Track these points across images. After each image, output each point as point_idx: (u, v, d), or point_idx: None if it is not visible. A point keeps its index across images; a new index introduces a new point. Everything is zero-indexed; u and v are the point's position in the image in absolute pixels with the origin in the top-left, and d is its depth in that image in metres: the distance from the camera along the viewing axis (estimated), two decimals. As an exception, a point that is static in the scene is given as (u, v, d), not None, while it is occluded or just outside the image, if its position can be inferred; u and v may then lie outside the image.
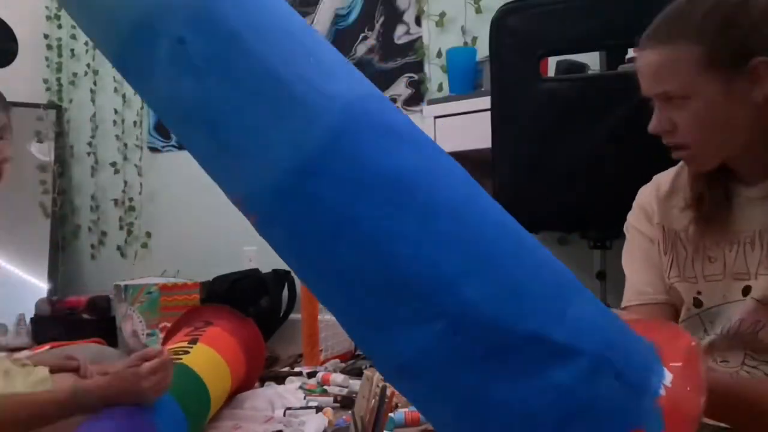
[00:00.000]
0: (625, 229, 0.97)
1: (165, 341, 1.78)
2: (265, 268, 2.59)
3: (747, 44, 0.75)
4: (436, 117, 1.67)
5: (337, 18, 2.55)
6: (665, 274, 0.89)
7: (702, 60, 0.76)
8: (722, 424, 0.79)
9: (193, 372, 1.38)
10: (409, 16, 2.38)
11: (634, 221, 0.95)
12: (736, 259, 0.82)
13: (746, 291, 0.81)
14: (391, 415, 1.31)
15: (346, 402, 1.55)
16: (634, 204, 0.97)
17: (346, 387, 1.67)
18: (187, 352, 1.45)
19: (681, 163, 0.89)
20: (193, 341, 1.53)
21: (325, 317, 2.24)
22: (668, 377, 0.56)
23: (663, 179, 0.94)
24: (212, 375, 1.45)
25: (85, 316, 2.67)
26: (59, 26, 3.48)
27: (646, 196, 0.95)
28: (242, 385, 1.73)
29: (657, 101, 0.82)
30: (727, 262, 0.83)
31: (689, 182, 0.88)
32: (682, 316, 0.88)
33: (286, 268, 2.51)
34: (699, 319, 0.86)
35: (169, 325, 2.20)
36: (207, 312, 1.81)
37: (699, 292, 0.85)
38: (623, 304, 0.93)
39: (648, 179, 0.98)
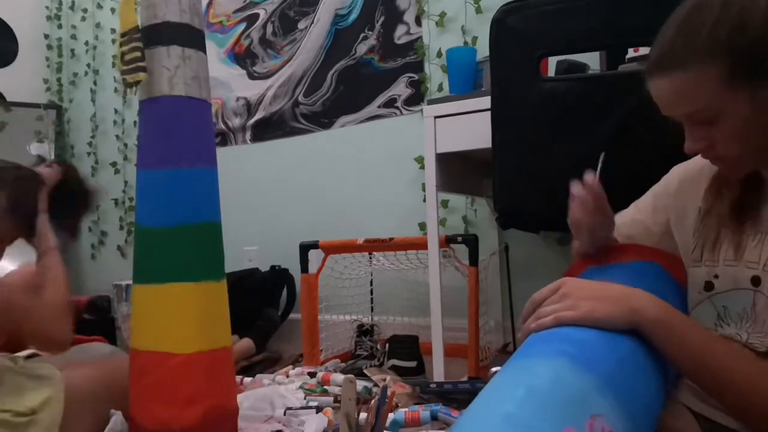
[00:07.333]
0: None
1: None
2: (266, 269, 2.60)
3: (764, 49, 0.71)
4: (436, 117, 1.67)
5: (337, 18, 2.55)
6: (689, 255, 0.91)
7: (722, 77, 0.72)
8: (730, 426, 0.79)
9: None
10: (409, 16, 2.38)
11: (659, 190, 1.00)
12: (755, 248, 0.81)
13: (755, 281, 0.80)
14: (391, 415, 1.31)
15: (346, 402, 1.55)
16: (666, 179, 0.99)
17: (346, 387, 1.67)
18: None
19: None
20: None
21: (325, 317, 2.25)
22: None
23: (697, 163, 0.93)
24: None
25: (85, 316, 2.67)
26: (59, 26, 3.48)
27: (680, 175, 0.96)
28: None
29: (685, 122, 0.80)
30: (747, 249, 0.82)
31: (723, 179, 0.88)
32: (692, 299, 0.89)
33: (284, 265, 2.53)
34: (711, 304, 0.86)
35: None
36: None
37: (716, 276, 0.85)
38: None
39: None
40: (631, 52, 1.46)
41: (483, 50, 1.65)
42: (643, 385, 0.68)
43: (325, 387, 1.71)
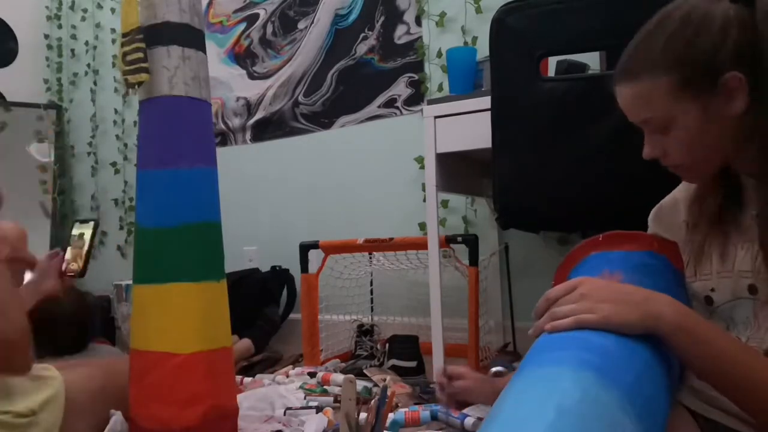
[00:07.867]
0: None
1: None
2: (265, 268, 2.59)
3: (713, 63, 0.75)
4: (436, 117, 1.67)
5: (337, 18, 2.55)
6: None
7: (674, 89, 0.77)
8: (728, 425, 0.79)
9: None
10: (409, 16, 2.38)
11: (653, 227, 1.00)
12: (745, 256, 0.81)
13: (752, 289, 0.80)
14: (391, 415, 1.31)
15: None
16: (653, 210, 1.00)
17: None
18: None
19: None
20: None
21: (325, 317, 2.25)
22: None
23: (671, 196, 0.97)
24: None
25: (85, 316, 2.67)
26: (59, 26, 3.48)
27: (671, 199, 0.97)
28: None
29: (643, 128, 0.85)
30: (737, 259, 0.82)
31: (697, 185, 0.91)
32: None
33: (284, 265, 2.53)
34: (718, 316, 0.86)
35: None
36: None
37: (713, 289, 0.85)
38: None
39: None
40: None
41: (483, 50, 1.65)
42: (657, 395, 0.67)
43: (325, 387, 1.71)
